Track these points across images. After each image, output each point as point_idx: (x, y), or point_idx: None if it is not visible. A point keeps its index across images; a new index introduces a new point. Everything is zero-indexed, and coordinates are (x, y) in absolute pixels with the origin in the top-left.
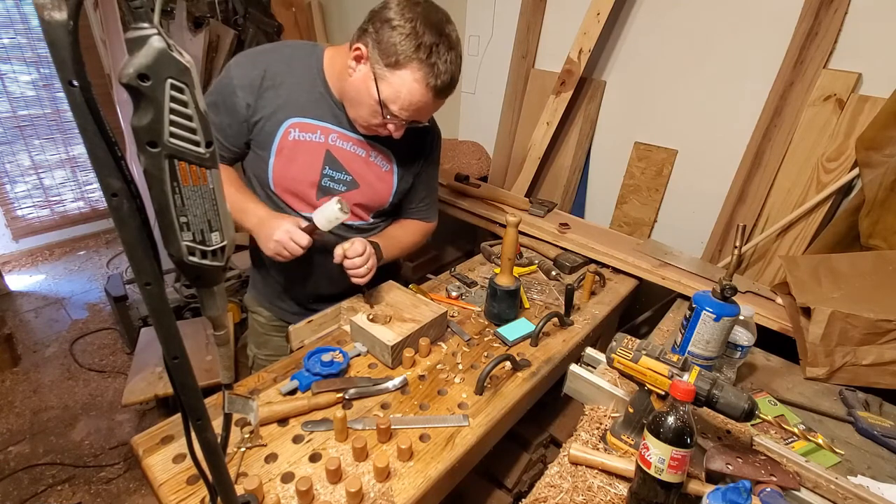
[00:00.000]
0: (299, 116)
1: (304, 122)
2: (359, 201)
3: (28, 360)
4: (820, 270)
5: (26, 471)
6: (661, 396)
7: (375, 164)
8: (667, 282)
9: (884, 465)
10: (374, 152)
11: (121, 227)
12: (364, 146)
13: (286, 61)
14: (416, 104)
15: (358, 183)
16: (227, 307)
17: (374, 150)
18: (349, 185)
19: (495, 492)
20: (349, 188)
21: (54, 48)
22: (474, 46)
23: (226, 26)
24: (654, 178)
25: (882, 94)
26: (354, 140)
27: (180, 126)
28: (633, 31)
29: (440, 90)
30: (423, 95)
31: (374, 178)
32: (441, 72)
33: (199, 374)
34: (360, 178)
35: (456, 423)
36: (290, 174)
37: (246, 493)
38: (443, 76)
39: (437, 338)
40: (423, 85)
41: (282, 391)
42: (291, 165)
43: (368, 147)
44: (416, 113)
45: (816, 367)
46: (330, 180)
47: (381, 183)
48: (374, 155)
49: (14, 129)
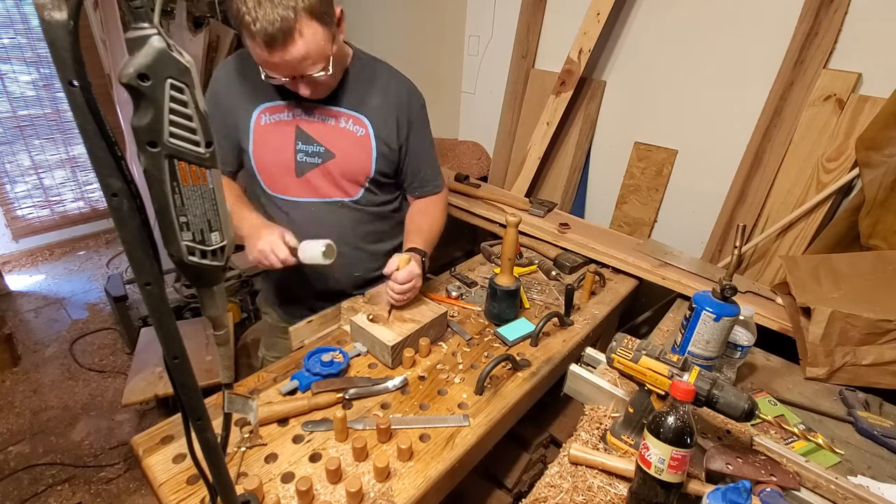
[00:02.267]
0: (267, 101)
1: (272, 105)
2: (339, 171)
3: (28, 360)
4: (820, 270)
5: (26, 471)
6: (661, 396)
7: (349, 130)
8: (667, 282)
9: (884, 465)
10: (343, 118)
11: (121, 227)
12: (333, 114)
13: (246, 56)
14: (263, 63)
15: (333, 153)
16: (227, 307)
17: (343, 116)
18: (324, 157)
19: (495, 492)
20: (324, 159)
21: (54, 48)
22: (474, 46)
23: (226, 26)
24: (654, 178)
25: (882, 94)
26: (322, 110)
27: (180, 126)
28: (633, 31)
29: (266, 42)
30: (260, 52)
31: (350, 144)
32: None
33: (199, 374)
34: (335, 147)
35: (456, 424)
36: (268, 158)
37: (246, 492)
38: (259, 24)
39: (437, 338)
40: (252, 42)
41: (282, 391)
42: (267, 150)
43: (338, 114)
44: (276, 70)
45: (816, 367)
46: (305, 155)
47: (358, 149)
48: (344, 121)
49: (14, 129)
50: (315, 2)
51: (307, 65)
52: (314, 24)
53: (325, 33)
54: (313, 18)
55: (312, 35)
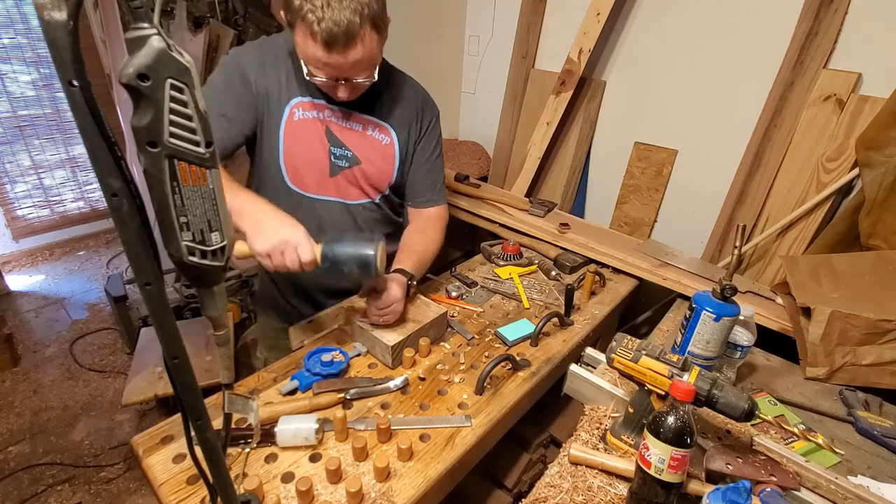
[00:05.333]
0: (300, 96)
1: (306, 101)
2: (363, 176)
3: (28, 360)
4: (820, 270)
5: (26, 471)
6: (661, 396)
7: (375, 138)
8: (667, 282)
9: (884, 465)
10: (370, 126)
11: (121, 227)
12: (360, 120)
13: (280, 47)
14: (314, 62)
15: (359, 159)
16: (228, 307)
17: (371, 124)
18: (351, 161)
19: (495, 492)
20: (351, 164)
21: (54, 48)
22: (474, 46)
23: (226, 26)
24: (654, 178)
25: (882, 94)
26: (352, 116)
27: (180, 126)
28: (633, 31)
29: (328, 42)
30: (315, 50)
31: (375, 152)
32: (321, 19)
33: (199, 374)
34: (362, 154)
35: (457, 424)
36: (299, 155)
37: (246, 492)
38: (324, 24)
39: (437, 338)
40: (309, 40)
41: (282, 391)
42: (298, 146)
43: (364, 121)
44: (325, 70)
45: (816, 367)
46: (335, 157)
47: (382, 158)
48: (371, 129)
49: (14, 129)
50: (379, 10)
51: (358, 70)
52: (374, 32)
53: (379, 41)
54: (374, 26)
55: (371, 42)
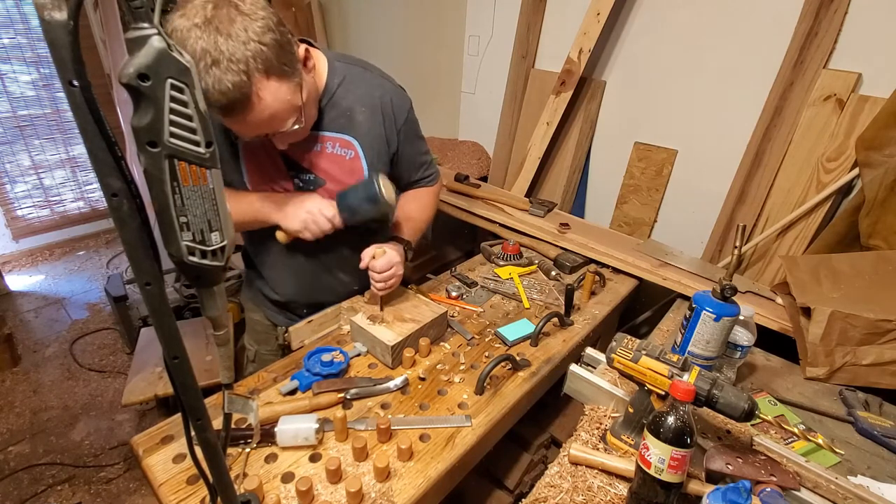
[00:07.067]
0: None
1: None
2: (330, 196)
3: (28, 360)
4: (820, 270)
5: (26, 471)
6: (661, 396)
7: (337, 154)
8: (667, 282)
9: (884, 465)
10: (330, 143)
11: (121, 227)
12: (319, 139)
13: None
14: (228, 125)
15: (323, 180)
16: (228, 307)
17: (329, 140)
18: (315, 184)
19: (496, 492)
20: (316, 186)
21: (54, 48)
22: (474, 46)
23: None
24: (654, 178)
25: (882, 94)
26: (307, 136)
27: (180, 126)
28: (633, 31)
29: (224, 111)
30: (220, 118)
31: (339, 170)
32: (206, 90)
33: (199, 374)
34: (325, 174)
35: (458, 424)
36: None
37: (246, 492)
38: (211, 95)
39: (437, 338)
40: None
41: (282, 391)
42: (261, 176)
43: (324, 138)
44: (244, 132)
45: (816, 367)
46: (299, 181)
47: (348, 174)
48: (331, 146)
49: (14, 129)
50: (270, 57)
51: (276, 123)
52: (273, 82)
53: (288, 87)
54: (271, 77)
55: (273, 95)
